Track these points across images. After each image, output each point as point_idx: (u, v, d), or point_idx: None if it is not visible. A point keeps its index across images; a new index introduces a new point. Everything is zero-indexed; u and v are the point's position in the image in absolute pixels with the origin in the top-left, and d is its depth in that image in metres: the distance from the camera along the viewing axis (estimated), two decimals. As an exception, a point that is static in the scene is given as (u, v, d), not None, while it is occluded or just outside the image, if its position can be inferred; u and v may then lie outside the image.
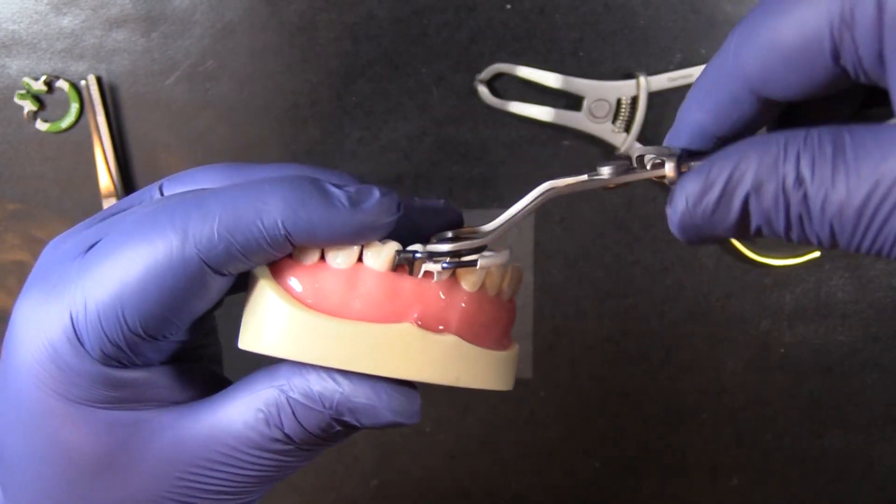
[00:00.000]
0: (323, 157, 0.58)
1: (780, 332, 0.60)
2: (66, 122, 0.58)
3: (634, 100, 0.57)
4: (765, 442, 0.61)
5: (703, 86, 0.26)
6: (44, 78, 0.58)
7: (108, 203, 0.58)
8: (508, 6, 0.57)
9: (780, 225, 0.23)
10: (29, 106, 0.58)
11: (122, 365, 0.27)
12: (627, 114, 0.57)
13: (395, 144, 0.58)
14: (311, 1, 0.57)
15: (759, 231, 0.23)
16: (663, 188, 0.58)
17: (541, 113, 0.57)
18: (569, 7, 0.57)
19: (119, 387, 0.27)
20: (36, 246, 0.60)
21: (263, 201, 0.26)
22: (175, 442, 0.28)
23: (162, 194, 0.30)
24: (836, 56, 0.22)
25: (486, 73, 0.57)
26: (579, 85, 0.57)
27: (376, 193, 0.27)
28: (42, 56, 0.58)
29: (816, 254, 0.58)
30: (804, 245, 0.24)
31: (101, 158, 0.58)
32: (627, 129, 0.57)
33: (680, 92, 0.57)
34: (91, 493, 0.28)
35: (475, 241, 0.28)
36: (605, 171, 0.27)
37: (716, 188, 0.23)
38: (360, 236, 0.27)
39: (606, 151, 0.58)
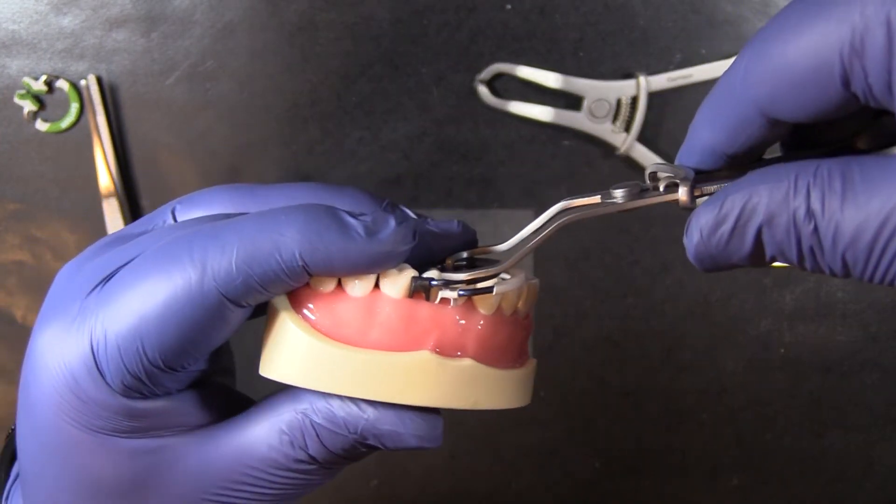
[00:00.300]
0: (323, 157, 0.58)
1: (780, 332, 0.60)
2: (66, 122, 0.58)
3: (634, 100, 0.57)
4: (765, 442, 0.61)
5: (712, 106, 0.26)
6: (44, 78, 0.58)
7: (108, 203, 0.58)
8: (508, 6, 0.57)
9: (793, 256, 0.23)
10: (29, 106, 0.58)
11: (143, 395, 0.27)
12: (627, 114, 0.57)
13: (395, 144, 0.58)
14: (311, 1, 0.57)
15: (773, 259, 0.24)
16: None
17: (541, 113, 0.57)
18: (569, 7, 0.57)
19: (140, 417, 0.27)
20: (36, 246, 0.60)
21: (280, 233, 0.26)
22: (200, 466, 0.28)
23: (174, 217, 0.30)
24: (846, 82, 0.22)
25: (486, 73, 0.57)
26: (579, 85, 0.57)
27: (392, 223, 0.27)
28: (42, 56, 0.58)
29: (816, 254, 0.58)
30: (820, 273, 0.24)
31: (101, 158, 0.58)
32: (627, 129, 0.57)
33: (680, 92, 0.57)
34: None
35: (491, 269, 0.28)
36: (619, 195, 0.28)
37: (729, 221, 0.24)
38: (376, 265, 0.27)
39: (606, 151, 0.58)
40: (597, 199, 0.28)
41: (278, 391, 0.29)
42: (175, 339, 0.26)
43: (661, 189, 0.27)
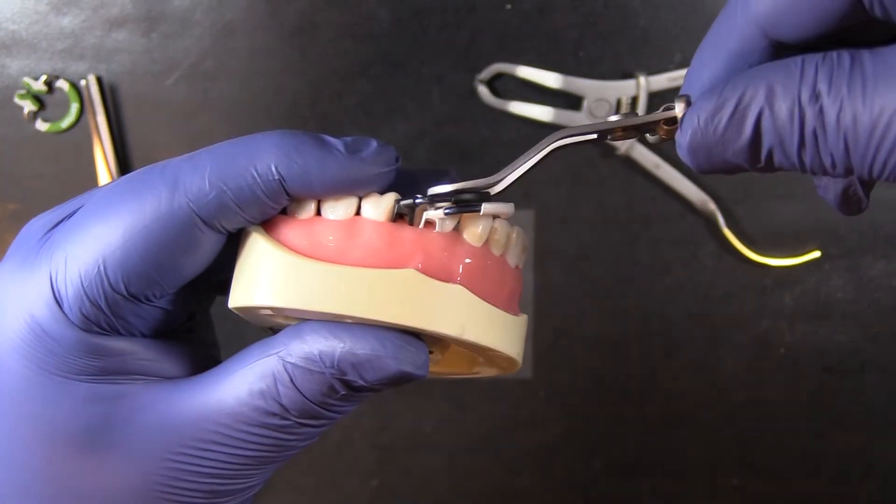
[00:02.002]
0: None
1: (780, 332, 0.60)
2: (66, 122, 0.58)
3: (634, 100, 0.57)
4: (765, 442, 0.61)
5: (711, 40, 0.25)
6: (44, 78, 0.58)
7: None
8: (508, 6, 0.57)
9: (793, 144, 0.22)
10: (29, 106, 0.58)
11: (104, 331, 0.26)
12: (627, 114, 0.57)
13: (395, 144, 0.58)
14: (311, 1, 0.57)
15: (770, 157, 0.23)
16: (663, 188, 0.58)
17: (541, 113, 0.57)
18: (569, 7, 0.57)
19: (100, 354, 0.26)
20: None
21: (257, 148, 0.25)
22: (162, 420, 0.26)
23: None
24: None
25: (486, 73, 0.57)
26: (579, 85, 0.57)
27: (373, 143, 0.26)
28: (42, 56, 0.58)
29: (816, 254, 0.58)
30: (816, 173, 0.23)
31: (101, 158, 0.58)
32: (627, 129, 0.57)
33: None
34: (73, 476, 0.26)
35: (478, 182, 0.27)
36: (614, 118, 0.27)
37: (729, 105, 0.23)
38: (357, 186, 0.26)
39: (606, 151, 0.58)
40: (591, 125, 0.27)
41: (248, 346, 0.27)
42: (140, 260, 0.25)
43: (660, 111, 0.26)
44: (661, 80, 0.56)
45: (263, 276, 0.26)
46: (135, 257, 0.25)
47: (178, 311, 0.28)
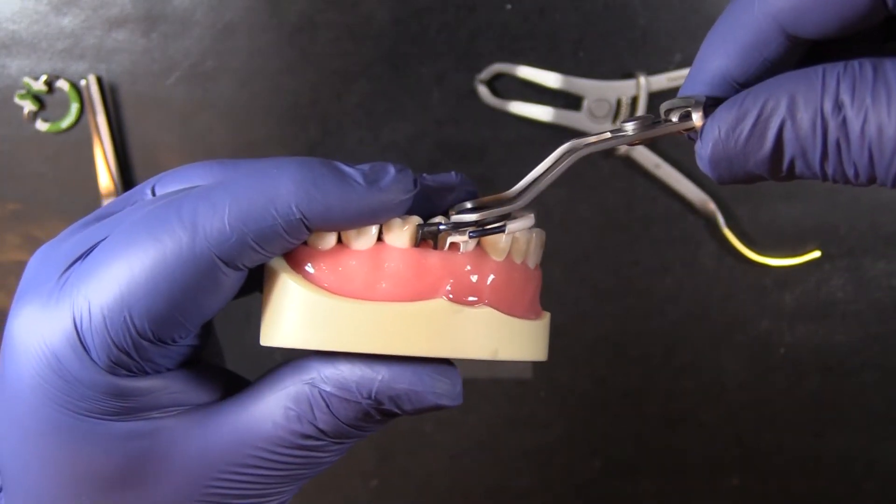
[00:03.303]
0: (323, 157, 0.58)
1: (780, 332, 0.60)
2: (66, 122, 0.58)
3: (634, 100, 0.57)
4: (765, 442, 0.61)
5: (723, 30, 0.25)
6: (44, 78, 0.58)
7: (108, 203, 0.58)
8: (508, 6, 0.57)
9: (815, 154, 0.22)
10: (29, 106, 0.58)
11: (131, 373, 0.26)
12: (627, 114, 0.57)
13: (395, 144, 0.58)
14: (311, 1, 0.57)
15: (791, 167, 0.23)
16: (663, 188, 0.58)
17: (541, 113, 0.57)
18: (569, 7, 0.57)
19: (129, 396, 0.26)
20: (36, 246, 0.59)
21: (274, 186, 0.24)
22: (199, 450, 0.26)
23: (154, 193, 0.29)
24: None
25: (486, 73, 0.57)
26: (579, 85, 0.57)
27: (391, 170, 0.26)
28: (42, 56, 0.58)
29: (816, 254, 0.58)
30: (837, 182, 0.23)
31: (101, 158, 0.58)
32: (627, 129, 0.57)
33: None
34: None
35: (500, 209, 0.27)
36: (629, 127, 0.26)
37: (750, 115, 0.22)
38: (378, 215, 0.25)
39: (606, 151, 0.58)
40: (607, 135, 0.27)
41: (277, 366, 0.27)
42: (165, 306, 0.25)
43: (675, 119, 0.25)
44: (661, 80, 0.56)
45: (295, 318, 0.26)
46: (160, 304, 0.25)
47: (200, 341, 0.28)
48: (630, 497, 0.62)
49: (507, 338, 0.27)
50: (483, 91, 0.57)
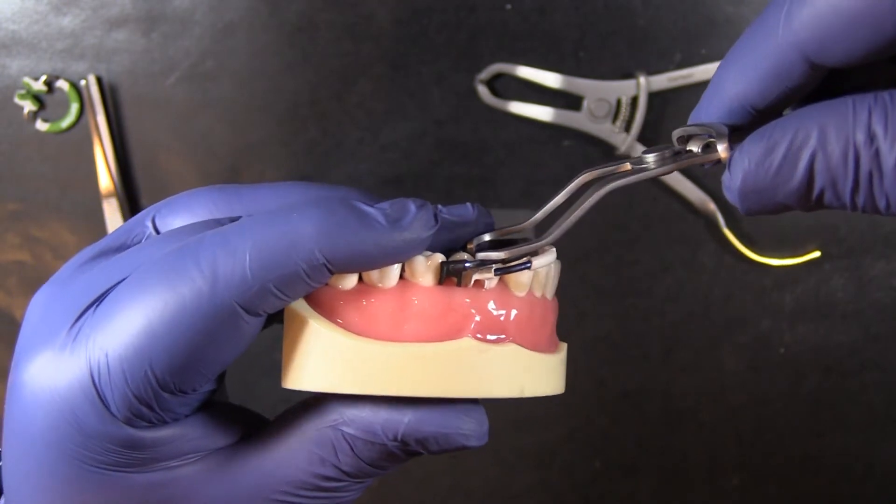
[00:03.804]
0: (323, 157, 0.58)
1: (780, 332, 0.60)
2: (66, 122, 0.58)
3: (634, 100, 0.57)
4: (765, 442, 0.61)
5: (743, 56, 0.24)
6: (44, 78, 0.58)
7: (108, 203, 0.58)
8: (508, 6, 0.57)
9: (846, 185, 0.22)
10: (29, 106, 0.58)
11: (149, 423, 0.25)
12: (627, 114, 0.57)
13: (395, 144, 0.58)
14: (311, 1, 0.57)
15: (820, 198, 0.23)
16: (663, 188, 0.58)
17: (541, 113, 0.57)
18: (569, 7, 0.57)
19: (147, 448, 0.25)
20: (36, 246, 0.60)
21: (295, 230, 0.24)
22: (222, 495, 0.26)
23: (155, 224, 0.28)
24: None
25: (486, 73, 0.57)
26: (579, 85, 0.57)
27: (412, 208, 0.25)
28: (42, 56, 0.58)
29: (816, 254, 0.58)
30: (867, 212, 0.23)
31: (101, 158, 0.58)
32: (627, 129, 0.57)
33: (680, 92, 0.57)
34: None
35: (527, 246, 0.27)
36: (651, 160, 0.26)
37: (780, 147, 0.22)
38: (401, 254, 0.25)
39: (606, 151, 0.58)
40: (627, 166, 0.26)
41: (296, 405, 0.27)
42: (186, 357, 0.24)
43: (697, 150, 0.25)
44: (661, 80, 0.56)
45: (321, 361, 0.25)
46: (181, 356, 0.24)
47: (217, 384, 0.28)
48: (630, 497, 0.62)
49: (532, 374, 0.27)
50: (483, 91, 0.57)
